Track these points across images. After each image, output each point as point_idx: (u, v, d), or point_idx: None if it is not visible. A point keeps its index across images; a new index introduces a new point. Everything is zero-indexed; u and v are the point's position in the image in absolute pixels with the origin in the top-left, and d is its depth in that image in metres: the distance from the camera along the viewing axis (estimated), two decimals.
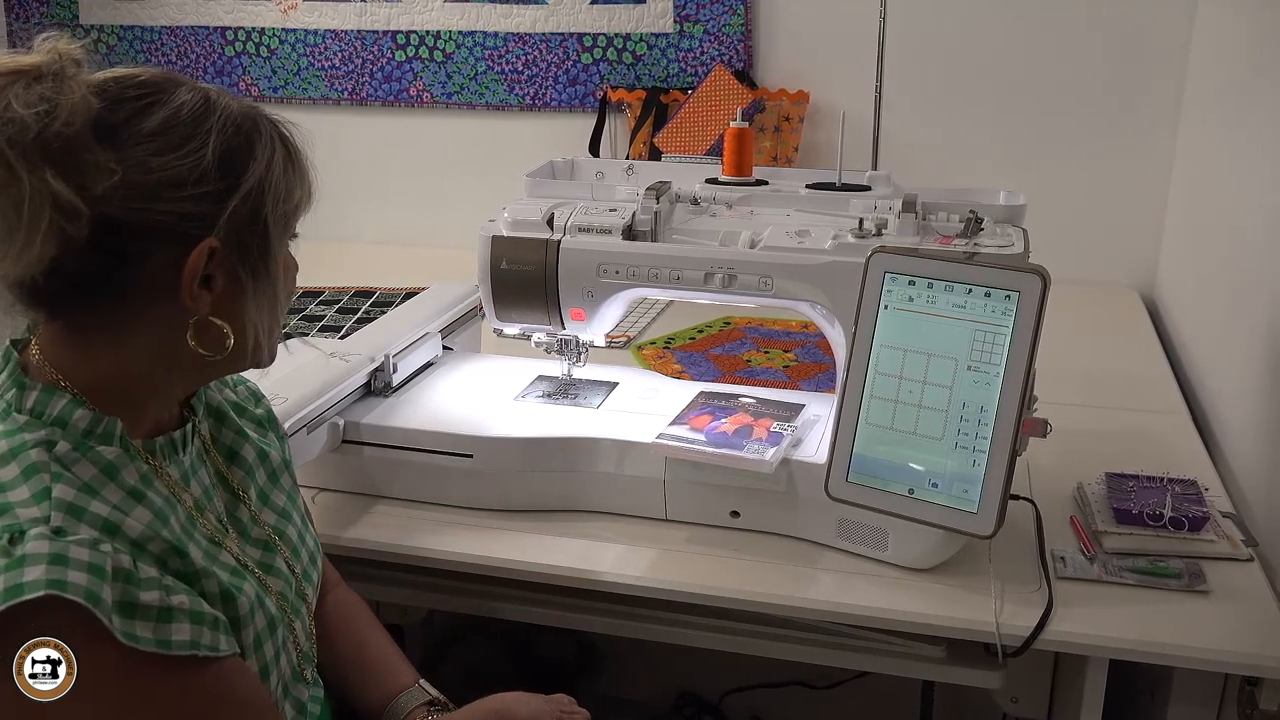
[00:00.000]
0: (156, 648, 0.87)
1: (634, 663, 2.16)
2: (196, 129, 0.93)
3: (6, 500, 0.87)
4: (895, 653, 1.36)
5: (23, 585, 0.82)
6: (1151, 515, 1.32)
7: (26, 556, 0.83)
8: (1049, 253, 1.39)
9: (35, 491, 0.87)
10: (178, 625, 0.89)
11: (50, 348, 0.96)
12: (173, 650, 0.88)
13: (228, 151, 0.95)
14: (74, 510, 0.88)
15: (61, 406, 0.93)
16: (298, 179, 1.02)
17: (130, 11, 2.74)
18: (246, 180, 0.96)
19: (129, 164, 0.90)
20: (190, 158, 0.92)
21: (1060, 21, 2.28)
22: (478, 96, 2.61)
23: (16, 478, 0.88)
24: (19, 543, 0.84)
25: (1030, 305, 1.18)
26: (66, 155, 0.87)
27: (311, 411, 1.37)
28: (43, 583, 0.82)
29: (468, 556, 1.35)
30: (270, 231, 0.99)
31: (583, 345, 1.53)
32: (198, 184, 0.93)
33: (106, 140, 0.90)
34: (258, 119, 0.99)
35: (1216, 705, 1.28)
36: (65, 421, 0.92)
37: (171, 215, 0.92)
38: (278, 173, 0.99)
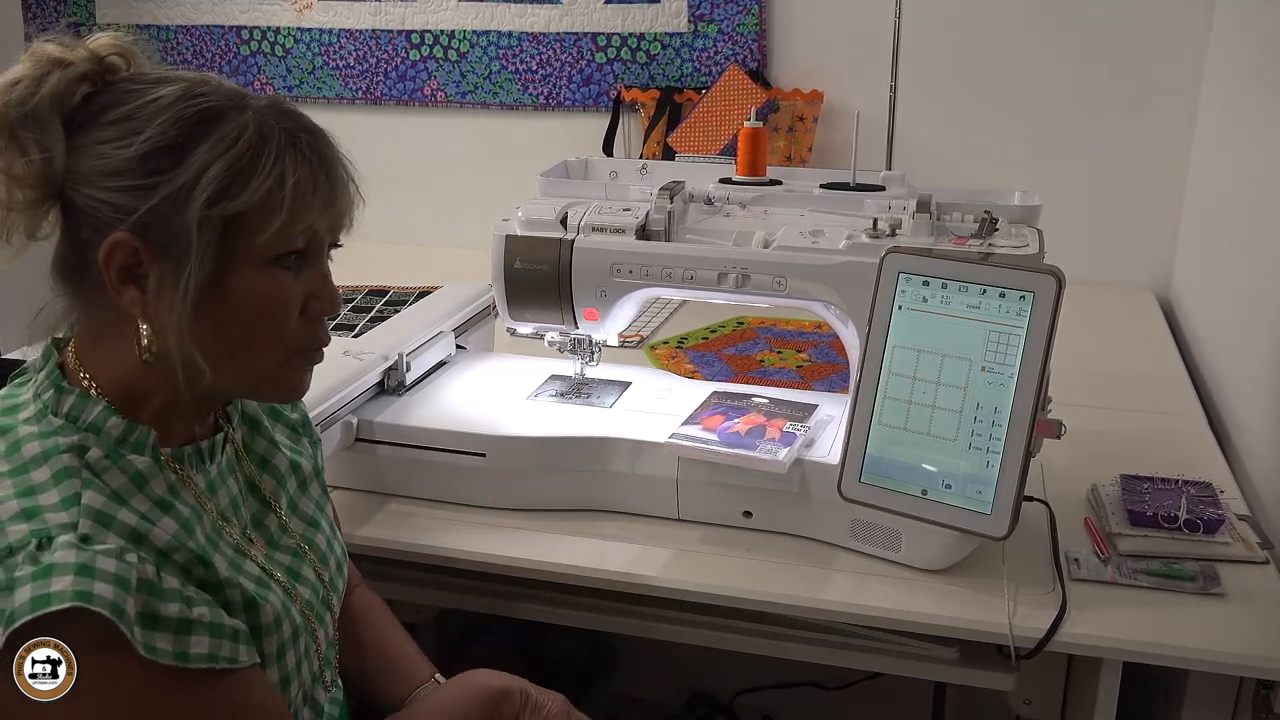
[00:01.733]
0: (175, 660, 0.87)
1: (646, 662, 2.16)
2: (148, 122, 0.91)
3: (37, 504, 0.87)
4: (908, 654, 1.36)
5: (50, 595, 0.82)
6: (1166, 517, 1.32)
7: (54, 566, 0.83)
8: (1064, 253, 1.39)
9: (65, 496, 0.88)
10: (197, 638, 0.89)
11: (80, 348, 0.97)
12: (190, 663, 0.88)
13: (161, 146, 0.91)
14: (102, 518, 0.88)
15: (96, 414, 0.93)
16: (260, 190, 0.92)
17: (147, 10, 2.75)
18: (176, 177, 0.90)
19: (81, 149, 0.92)
20: (121, 149, 0.91)
21: (1076, 21, 2.27)
22: (492, 96, 2.62)
23: (47, 481, 0.88)
24: (46, 549, 0.84)
25: (1045, 306, 1.18)
26: (25, 125, 0.90)
27: (325, 410, 1.37)
28: (69, 594, 0.82)
29: (481, 555, 1.35)
30: (201, 233, 0.90)
31: (596, 345, 1.53)
32: (121, 175, 0.91)
33: (71, 124, 0.92)
34: (248, 123, 0.93)
35: (1231, 709, 1.27)
36: (99, 428, 0.93)
37: (104, 204, 0.91)
38: (218, 174, 0.91)
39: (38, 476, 0.89)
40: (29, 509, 0.86)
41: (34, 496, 0.87)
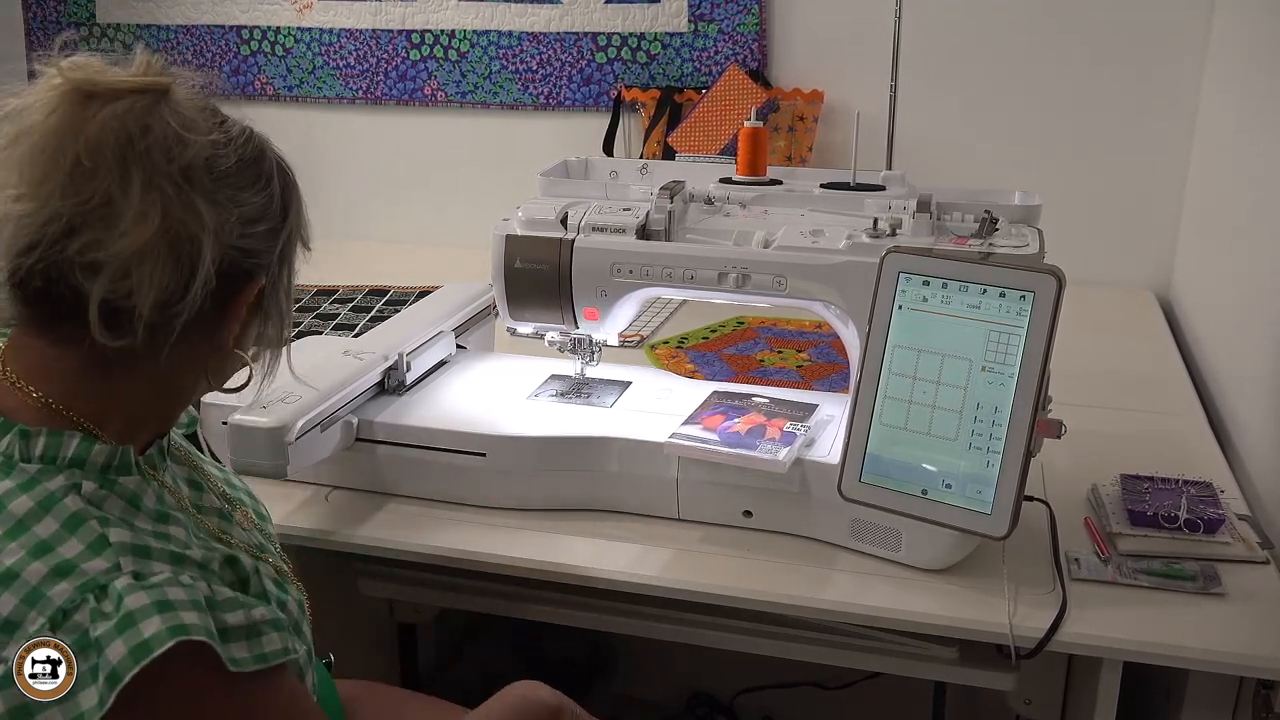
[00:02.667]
0: (256, 665, 0.85)
1: (647, 662, 2.17)
2: (261, 165, 0.94)
3: (64, 559, 0.82)
4: (908, 654, 1.36)
5: (148, 642, 0.79)
6: (1166, 517, 1.32)
7: (134, 613, 0.80)
8: (1064, 253, 1.39)
9: (89, 542, 0.83)
10: (267, 637, 0.87)
11: (46, 377, 0.89)
12: (270, 662, 0.86)
13: (283, 188, 0.96)
14: (138, 550, 0.85)
15: (75, 446, 0.87)
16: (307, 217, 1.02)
17: (147, 10, 2.75)
18: (291, 218, 0.96)
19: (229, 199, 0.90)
20: (261, 194, 0.92)
21: (1077, 21, 2.27)
22: (492, 96, 2.62)
23: (59, 531, 0.83)
24: (106, 598, 0.81)
25: (1045, 306, 1.18)
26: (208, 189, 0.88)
27: (325, 410, 1.37)
28: (165, 634, 0.79)
29: (481, 555, 1.35)
30: (294, 268, 0.99)
31: (596, 344, 1.53)
32: (264, 220, 0.92)
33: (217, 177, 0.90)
34: (279, 157, 0.98)
35: (1231, 708, 1.27)
36: (84, 460, 0.88)
37: (240, 251, 0.91)
38: (304, 212, 1.00)
39: (45, 530, 0.83)
40: (59, 566, 0.81)
41: (55, 552, 0.82)
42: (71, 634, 0.80)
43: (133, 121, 0.85)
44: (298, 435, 1.31)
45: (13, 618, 0.80)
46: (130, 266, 0.84)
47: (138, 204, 0.84)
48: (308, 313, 2.24)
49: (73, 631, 0.80)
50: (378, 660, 1.77)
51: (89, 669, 0.79)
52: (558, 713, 1.13)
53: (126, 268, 0.84)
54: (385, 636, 1.79)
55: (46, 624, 0.80)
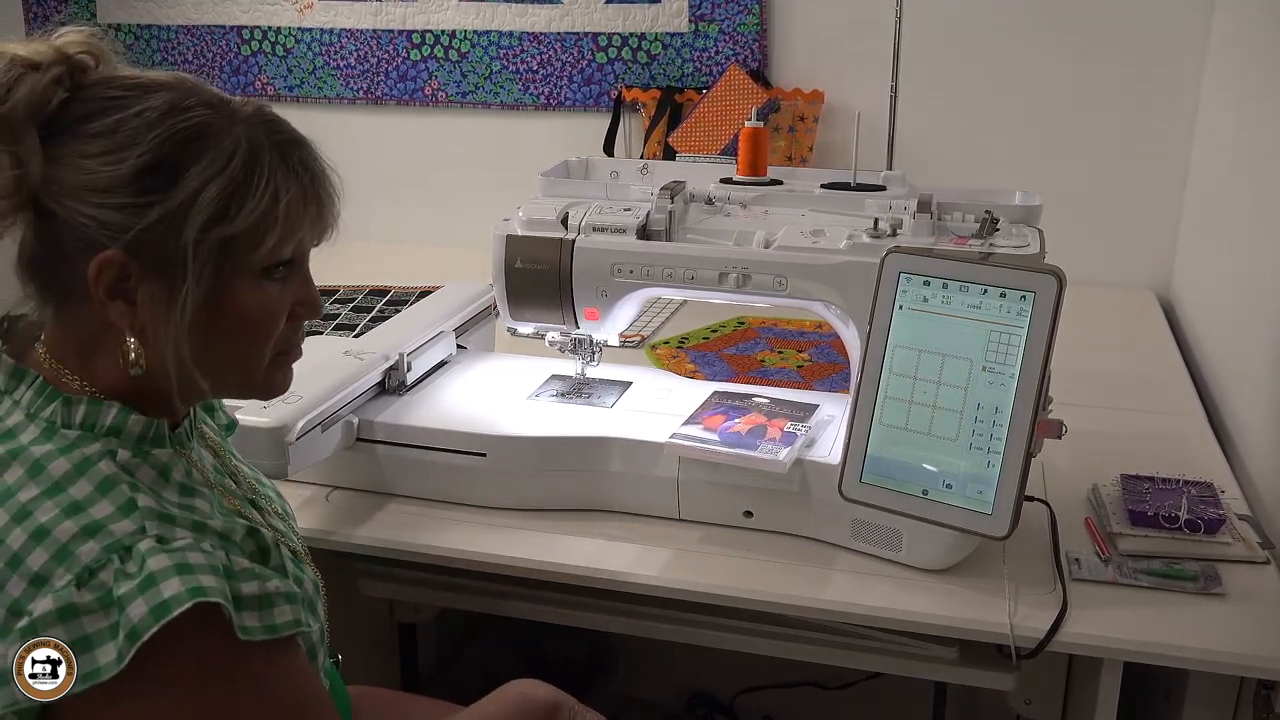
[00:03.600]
0: (265, 634, 0.88)
1: (647, 662, 2.16)
2: (138, 137, 0.89)
3: (93, 520, 0.85)
4: (908, 654, 1.36)
5: (168, 602, 0.82)
6: (1167, 517, 1.32)
7: (155, 574, 0.83)
8: (1065, 253, 1.39)
9: (120, 505, 0.87)
10: (279, 609, 0.90)
11: (64, 358, 0.94)
12: (280, 633, 0.89)
13: (154, 165, 0.89)
14: (164, 517, 0.88)
15: (114, 415, 0.92)
16: (256, 211, 0.91)
17: (148, 10, 2.75)
18: (171, 197, 0.89)
19: (62, 160, 0.89)
20: (111, 165, 0.88)
21: (1077, 21, 2.27)
22: (492, 96, 2.62)
23: (92, 494, 0.87)
24: (130, 559, 0.84)
25: (1046, 306, 1.18)
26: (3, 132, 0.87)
27: (326, 410, 1.37)
28: (185, 595, 0.82)
29: (481, 555, 1.35)
30: (197, 255, 0.90)
31: (596, 344, 1.53)
32: (111, 193, 0.88)
33: (48, 132, 0.89)
34: (240, 139, 0.92)
35: (1232, 709, 1.28)
36: (120, 429, 0.92)
37: (92, 220, 0.88)
38: (214, 196, 0.90)
39: (79, 492, 0.87)
40: (89, 526, 0.85)
41: (86, 513, 0.85)
42: (95, 591, 0.83)
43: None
44: (298, 435, 1.31)
45: (42, 572, 0.84)
46: None
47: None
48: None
49: (97, 589, 0.83)
50: (378, 660, 1.77)
51: (109, 626, 0.82)
52: (556, 709, 1.13)
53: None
54: (385, 636, 1.79)
55: (73, 581, 0.83)
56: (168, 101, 0.91)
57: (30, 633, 0.82)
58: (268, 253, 0.93)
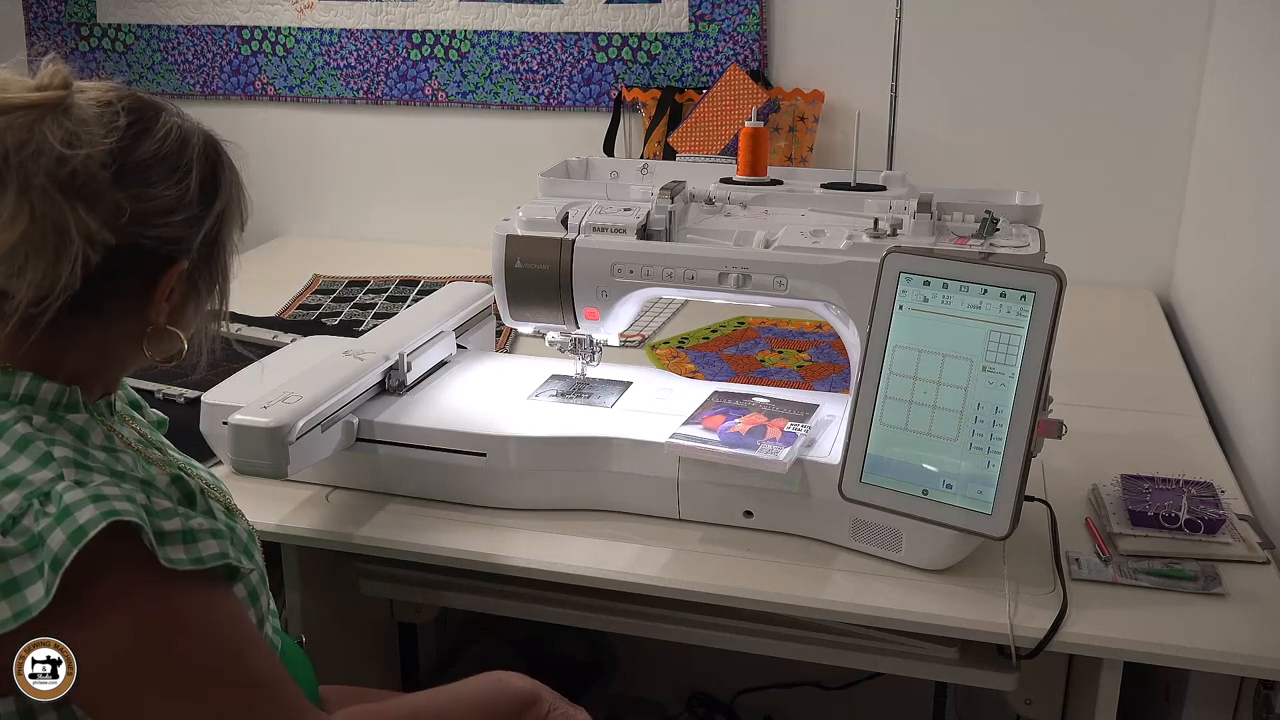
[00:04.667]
0: (191, 565, 0.92)
1: (647, 662, 2.17)
2: (181, 158, 0.98)
3: (12, 473, 0.89)
4: (908, 654, 1.36)
5: (83, 527, 0.86)
6: (1167, 518, 1.32)
7: (70, 506, 0.87)
8: (1065, 254, 1.39)
9: (36, 458, 0.90)
10: (204, 543, 0.94)
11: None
12: (206, 564, 0.93)
13: (203, 179, 1.00)
14: (80, 465, 0.91)
15: (26, 384, 0.95)
16: (246, 201, 1.07)
17: (147, 10, 2.75)
18: (217, 205, 1.02)
19: (133, 196, 0.95)
20: (178, 186, 0.97)
21: (1077, 21, 2.27)
22: (493, 96, 2.62)
23: (10, 453, 0.91)
24: (50, 502, 0.87)
25: (1046, 306, 1.18)
26: (93, 193, 0.92)
27: (326, 410, 1.37)
28: (99, 517, 0.86)
29: (481, 555, 1.35)
30: (227, 250, 1.05)
31: (596, 344, 1.53)
32: (181, 210, 0.98)
33: (118, 176, 0.94)
34: (218, 145, 1.04)
35: (1232, 708, 1.28)
36: (33, 397, 0.95)
37: (156, 239, 0.96)
38: (239, 197, 1.05)
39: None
40: (8, 479, 0.89)
41: (4, 469, 0.89)
42: (20, 537, 0.87)
43: (11, 137, 0.91)
44: (298, 435, 1.31)
45: None
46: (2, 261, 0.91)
47: (10, 209, 0.90)
48: (345, 302, 2.29)
49: (21, 535, 0.87)
50: (378, 660, 1.77)
51: (35, 566, 0.86)
52: (534, 701, 1.12)
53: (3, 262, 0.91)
54: (385, 636, 1.79)
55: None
56: (173, 123, 0.99)
57: None
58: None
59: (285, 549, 1.45)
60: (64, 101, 0.93)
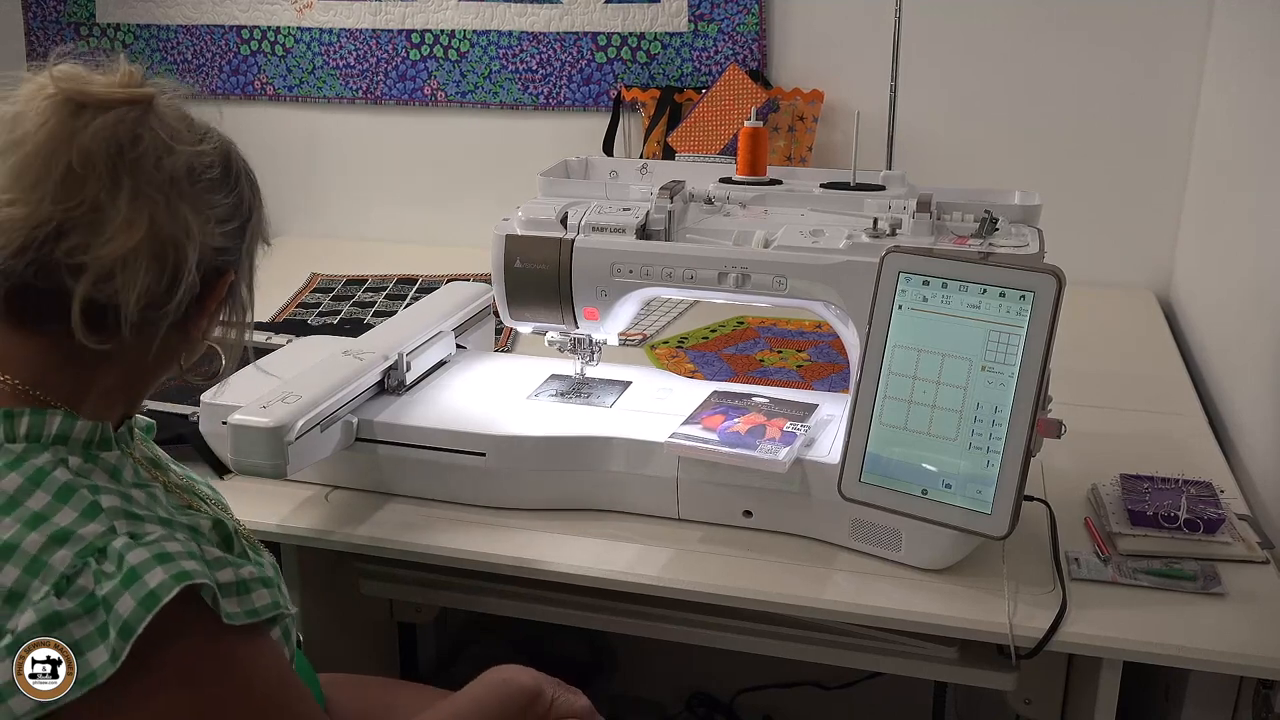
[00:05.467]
0: (248, 619, 0.89)
1: (646, 662, 2.17)
2: (230, 165, 0.97)
3: (60, 527, 0.84)
4: (908, 653, 1.36)
5: (154, 592, 0.82)
6: (1166, 517, 1.32)
7: (136, 568, 0.83)
8: (1064, 253, 1.39)
9: (83, 509, 0.86)
10: (257, 593, 0.91)
11: (17, 365, 0.92)
12: (261, 616, 0.90)
13: (248, 186, 1.00)
14: (130, 515, 0.87)
15: (59, 424, 0.90)
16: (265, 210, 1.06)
17: (147, 10, 2.75)
18: (255, 213, 1.01)
19: (206, 203, 0.94)
20: (232, 194, 0.96)
21: (1077, 21, 2.27)
22: (492, 95, 2.62)
23: (52, 503, 0.86)
24: (106, 559, 0.83)
25: (1045, 306, 1.18)
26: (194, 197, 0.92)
27: (325, 409, 1.37)
28: (171, 581, 0.83)
29: (481, 555, 1.35)
30: (254, 260, 1.04)
31: (596, 344, 1.53)
32: (234, 219, 0.97)
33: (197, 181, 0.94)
34: (242, 157, 1.02)
35: (1231, 708, 1.28)
36: (67, 437, 0.91)
37: (215, 249, 0.95)
38: (262, 205, 1.03)
39: (37, 503, 0.86)
40: (56, 534, 0.84)
41: (50, 521, 0.85)
42: (76, 598, 0.82)
43: (124, 132, 0.89)
44: (298, 435, 1.31)
45: (16, 588, 0.83)
46: (115, 269, 0.87)
47: (125, 211, 0.87)
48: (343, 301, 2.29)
49: (77, 595, 0.82)
50: (378, 660, 1.77)
51: (96, 629, 0.82)
52: (537, 695, 1.15)
53: (111, 270, 0.87)
54: (385, 636, 1.79)
55: (51, 591, 0.82)
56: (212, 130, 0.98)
57: (15, 649, 0.81)
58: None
59: (285, 549, 1.45)
60: (154, 98, 0.92)
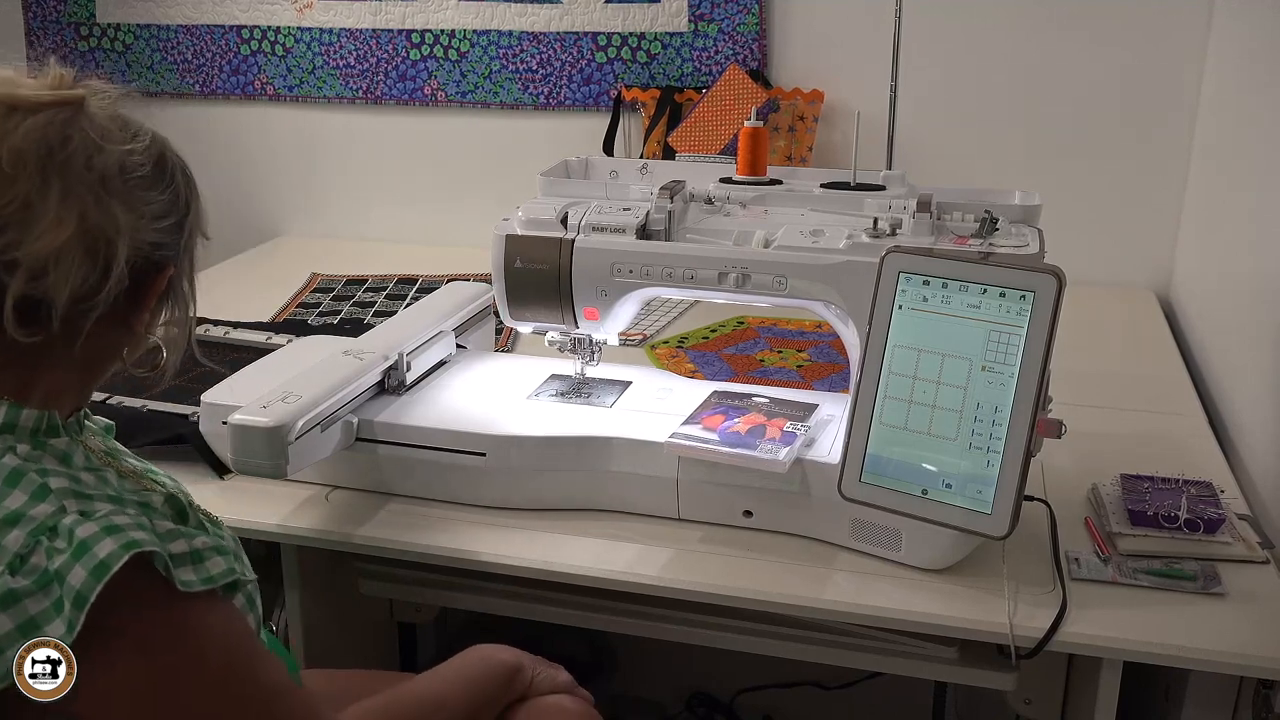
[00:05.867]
0: (203, 585, 0.90)
1: (646, 662, 2.17)
2: (165, 162, 0.98)
3: (11, 510, 0.87)
4: (908, 653, 1.36)
5: (105, 561, 0.84)
6: (1166, 517, 1.32)
7: (86, 540, 0.85)
8: (1064, 253, 1.39)
9: (32, 492, 0.88)
10: (211, 560, 0.92)
11: None
12: (217, 583, 0.91)
13: (183, 182, 1.00)
14: (79, 494, 0.89)
15: (4, 414, 0.91)
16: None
17: (147, 10, 2.75)
18: (192, 209, 1.01)
19: (140, 199, 0.95)
20: (168, 190, 0.97)
21: (1077, 21, 2.27)
22: (492, 95, 2.62)
23: (1, 488, 0.88)
24: (58, 537, 0.85)
25: (1045, 306, 1.18)
26: (124, 194, 0.93)
27: (325, 409, 1.37)
28: (120, 550, 0.84)
29: (481, 555, 1.35)
30: (194, 255, 1.04)
31: (596, 344, 1.53)
32: (172, 214, 0.98)
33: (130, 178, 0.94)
34: (177, 155, 1.03)
35: (1231, 708, 1.28)
36: (14, 426, 0.92)
37: (151, 245, 0.96)
38: (199, 201, 1.03)
39: None
40: (7, 517, 0.86)
41: (1, 506, 0.87)
42: (30, 575, 0.85)
43: (53, 133, 0.90)
44: (298, 435, 1.31)
45: None
46: (49, 265, 0.88)
47: (55, 209, 0.89)
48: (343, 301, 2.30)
49: (31, 574, 0.85)
50: (377, 660, 1.77)
51: (52, 604, 0.84)
52: (518, 670, 1.19)
53: (45, 266, 0.88)
54: (385, 636, 1.79)
55: (5, 570, 0.84)
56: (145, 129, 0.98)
57: None
58: None
59: (285, 549, 1.45)
60: (85, 101, 0.93)
